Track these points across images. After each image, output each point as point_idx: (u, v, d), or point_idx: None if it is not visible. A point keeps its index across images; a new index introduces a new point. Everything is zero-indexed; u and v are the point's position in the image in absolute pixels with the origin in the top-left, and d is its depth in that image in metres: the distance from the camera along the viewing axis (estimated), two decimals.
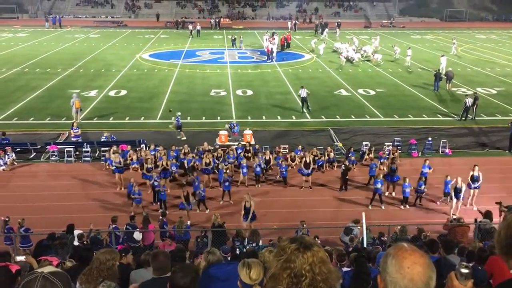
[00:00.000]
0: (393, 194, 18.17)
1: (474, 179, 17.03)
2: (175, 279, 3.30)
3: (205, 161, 18.60)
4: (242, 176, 18.80)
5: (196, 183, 17.06)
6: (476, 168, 17.05)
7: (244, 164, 18.82)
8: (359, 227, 13.22)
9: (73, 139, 21.90)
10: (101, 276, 4.99)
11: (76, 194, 17.95)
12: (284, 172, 18.69)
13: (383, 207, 17.21)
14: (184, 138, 22.62)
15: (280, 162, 19.04)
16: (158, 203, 17.06)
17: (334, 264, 8.48)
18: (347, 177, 18.31)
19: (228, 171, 18.46)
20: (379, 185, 17.07)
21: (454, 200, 16.54)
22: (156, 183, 17.00)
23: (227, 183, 17.42)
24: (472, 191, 17.19)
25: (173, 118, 23.41)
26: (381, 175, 17.39)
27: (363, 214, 11.22)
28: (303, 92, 26.39)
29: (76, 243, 11.63)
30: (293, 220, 15.60)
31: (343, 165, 18.39)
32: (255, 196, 17.77)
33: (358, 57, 40.92)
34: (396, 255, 2.06)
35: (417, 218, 16.38)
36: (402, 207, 17.33)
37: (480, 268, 3.46)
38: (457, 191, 16.44)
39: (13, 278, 4.53)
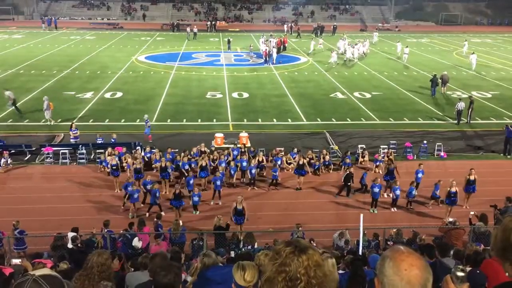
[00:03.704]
0: (386, 195, 18.18)
1: (470, 183, 17.08)
2: (158, 278, 3.30)
3: (201, 164, 18.55)
4: (249, 176, 18.90)
5: (191, 182, 17.22)
6: (473, 171, 17.11)
7: (252, 165, 18.81)
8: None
9: (72, 141, 21.80)
10: (101, 278, 4.98)
11: (71, 196, 17.85)
12: (275, 175, 18.64)
13: (376, 211, 17.20)
14: None
15: (273, 165, 18.86)
16: (148, 205, 16.90)
17: None
18: (349, 183, 18.13)
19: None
20: (376, 190, 17.00)
21: (449, 207, 16.51)
22: (149, 186, 16.95)
23: (218, 182, 17.36)
24: (466, 194, 17.25)
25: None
26: (378, 179, 17.33)
27: (361, 216, 11.20)
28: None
29: (70, 245, 11.57)
30: (288, 223, 15.59)
31: (348, 172, 18.24)
32: (249, 198, 17.79)
33: (350, 56, 42.23)
34: (393, 258, 2.07)
35: (410, 221, 16.39)
36: (393, 209, 17.35)
37: (478, 271, 3.45)
38: (451, 195, 16.42)
39: (7, 281, 4.49)
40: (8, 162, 20.00)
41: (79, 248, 11.20)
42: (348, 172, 18.22)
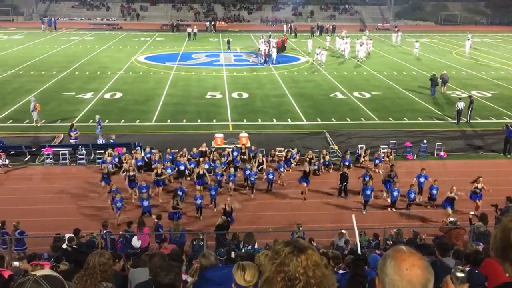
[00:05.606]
0: (384, 196, 18.13)
1: (477, 192, 16.62)
2: (159, 278, 3.33)
3: (198, 171, 18.07)
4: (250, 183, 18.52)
5: (183, 188, 17.08)
6: (481, 180, 16.63)
7: (253, 172, 18.32)
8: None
9: (72, 141, 21.74)
10: (103, 278, 4.98)
11: (70, 197, 17.84)
12: (270, 178, 18.43)
13: (364, 212, 17.06)
14: None
15: (268, 169, 18.68)
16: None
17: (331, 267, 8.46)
18: (345, 183, 17.99)
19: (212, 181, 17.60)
20: (368, 192, 16.95)
21: (449, 210, 16.41)
22: (144, 191, 16.78)
23: (213, 192, 17.09)
24: (476, 201, 16.72)
25: None
26: (370, 182, 17.25)
27: (353, 216, 11.21)
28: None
29: (64, 246, 11.57)
30: (288, 223, 15.58)
31: (343, 171, 18.13)
32: (249, 198, 17.80)
33: (348, 52, 43.52)
34: (394, 257, 2.07)
35: (410, 221, 16.39)
36: (389, 210, 17.32)
37: (477, 271, 3.45)
38: (449, 201, 16.25)
39: (6, 284, 4.48)
40: (7, 162, 20.00)
41: (74, 249, 11.21)
42: (342, 172, 18.19)
